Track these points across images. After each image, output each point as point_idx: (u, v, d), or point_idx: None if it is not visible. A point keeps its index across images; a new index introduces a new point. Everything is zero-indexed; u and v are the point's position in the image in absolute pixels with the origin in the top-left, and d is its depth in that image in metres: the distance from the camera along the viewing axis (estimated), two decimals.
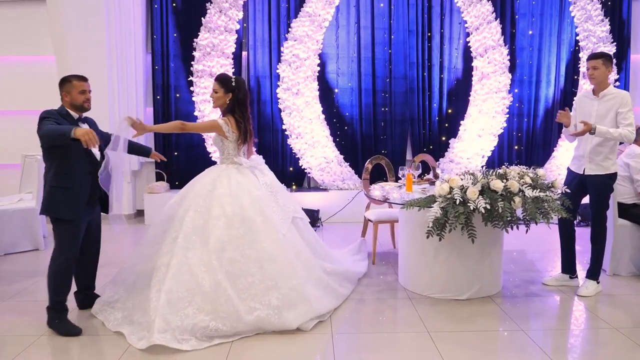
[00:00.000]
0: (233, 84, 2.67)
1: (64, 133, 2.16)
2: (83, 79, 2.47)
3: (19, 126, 5.24)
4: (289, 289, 2.43)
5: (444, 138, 5.48)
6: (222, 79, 2.69)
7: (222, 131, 2.64)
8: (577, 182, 2.94)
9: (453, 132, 5.47)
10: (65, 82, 2.46)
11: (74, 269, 2.51)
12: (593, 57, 2.86)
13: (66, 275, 2.43)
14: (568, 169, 3.07)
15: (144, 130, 2.57)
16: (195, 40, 5.12)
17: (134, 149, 2.78)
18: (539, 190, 2.62)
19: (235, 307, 2.33)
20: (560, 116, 2.89)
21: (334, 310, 2.68)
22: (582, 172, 2.92)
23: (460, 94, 5.44)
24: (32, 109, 5.21)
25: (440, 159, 5.40)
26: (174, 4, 5.16)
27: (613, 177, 2.90)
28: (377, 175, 4.67)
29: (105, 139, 2.55)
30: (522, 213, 2.61)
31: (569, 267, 3.10)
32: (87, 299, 2.70)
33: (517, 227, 2.64)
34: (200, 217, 2.50)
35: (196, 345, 2.22)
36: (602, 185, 2.88)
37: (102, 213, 2.64)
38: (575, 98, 3.13)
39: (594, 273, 2.97)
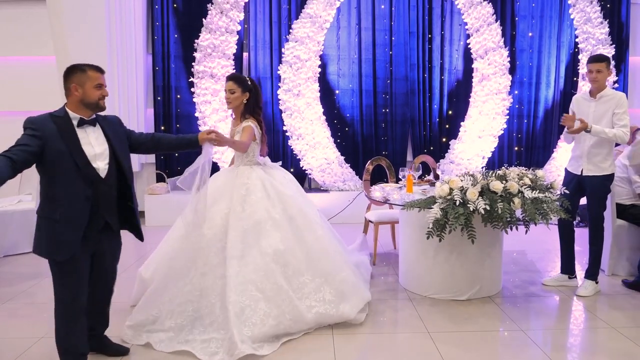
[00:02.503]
0: (249, 82, 2.61)
1: None
2: (100, 70, 1.93)
3: (18, 127, 5.24)
4: (340, 282, 2.51)
5: (444, 139, 5.50)
6: (238, 79, 2.59)
7: (254, 135, 2.55)
8: (575, 183, 2.96)
9: (453, 134, 5.49)
10: (76, 71, 1.88)
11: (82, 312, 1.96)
12: (597, 59, 2.86)
13: (70, 324, 1.92)
14: (566, 169, 3.09)
15: (223, 141, 2.32)
16: (196, 41, 5.14)
17: (180, 145, 2.24)
18: (538, 191, 2.63)
19: (298, 308, 2.36)
20: (566, 119, 2.84)
21: None
22: (580, 173, 2.94)
23: (460, 95, 5.46)
24: (33, 110, 5.24)
25: (441, 160, 5.42)
26: (174, 5, 5.17)
27: (610, 178, 2.92)
28: (378, 176, 4.69)
29: (129, 138, 2.08)
30: (521, 214, 2.63)
31: (567, 267, 3.12)
32: (94, 341, 2.14)
33: (517, 228, 2.66)
34: (243, 223, 2.42)
35: (271, 348, 2.23)
36: (600, 186, 2.90)
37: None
38: (572, 99, 3.13)
39: (592, 273, 2.99)
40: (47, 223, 1.82)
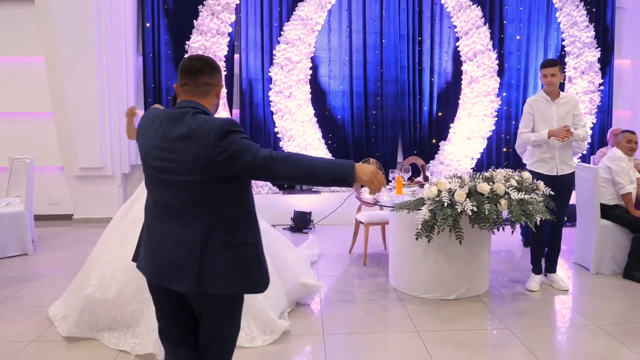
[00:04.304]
0: None
1: (346, 175, 1.28)
2: None
3: (6, 128, 5.20)
4: (293, 261, 2.77)
5: (434, 141, 5.56)
6: None
7: None
8: (549, 184, 2.93)
9: (443, 135, 5.54)
10: (219, 73, 1.51)
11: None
12: (550, 64, 3.00)
13: None
14: (532, 171, 3.04)
15: None
16: (187, 42, 5.13)
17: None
18: (524, 192, 2.69)
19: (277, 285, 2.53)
20: (567, 132, 2.88)
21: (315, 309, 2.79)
22: (555, 174, 3.03)
23: (450, 97, 5.52)
24: (20, 111, 5.21)
25: (431, 162, 5.47)
26: (165, 6, 5.16)
27: (575, 173, 3.15)
28: None
29: None
30: (507, 215, 2.68)
31: (539, 267, 3.18)
32: None
33: (503, 229, 2.71)
34: None
35: (286, 322, 2.46)
36: (572, 182, 3.13)
37: None
38: (528, 102, 3.14)
39: (555, 263, 3.20)
40: (252, 250, 1.45)
